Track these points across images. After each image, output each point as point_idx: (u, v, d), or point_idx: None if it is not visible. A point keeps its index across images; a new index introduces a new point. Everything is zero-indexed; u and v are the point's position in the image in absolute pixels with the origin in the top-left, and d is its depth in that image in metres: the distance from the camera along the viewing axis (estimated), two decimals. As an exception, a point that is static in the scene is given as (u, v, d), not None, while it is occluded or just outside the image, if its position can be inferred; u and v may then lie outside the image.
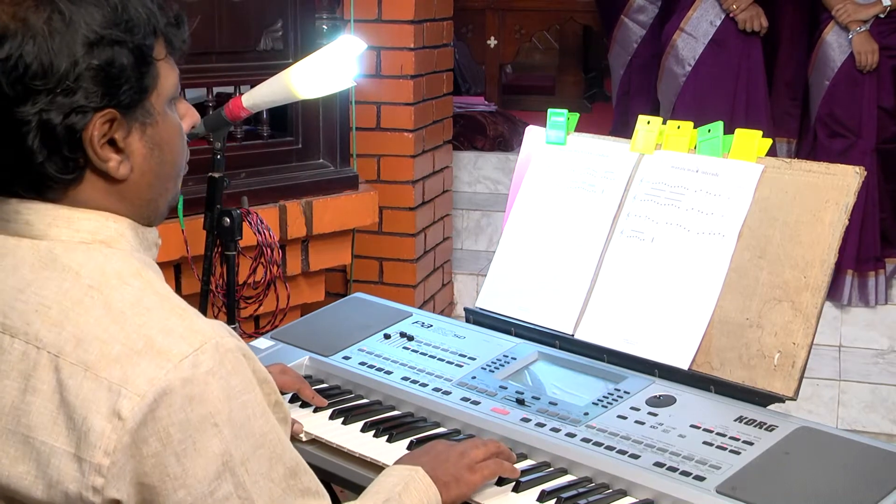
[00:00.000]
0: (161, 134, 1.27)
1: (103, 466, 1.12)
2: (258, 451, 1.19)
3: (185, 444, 1.13)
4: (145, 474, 1.13)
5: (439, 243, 4.39)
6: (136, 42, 1.21)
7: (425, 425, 1.77)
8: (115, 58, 1.19)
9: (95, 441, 1.12)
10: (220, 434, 1.15)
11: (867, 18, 4.22)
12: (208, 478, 1.15)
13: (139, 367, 1.13)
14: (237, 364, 1.18)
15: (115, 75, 1.19)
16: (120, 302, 1.18)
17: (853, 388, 4.03)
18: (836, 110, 4.34)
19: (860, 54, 4.21)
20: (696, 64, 4.48)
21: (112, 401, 1.12)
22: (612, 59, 5.45)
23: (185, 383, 1.13)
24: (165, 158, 1.29)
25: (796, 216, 1.76)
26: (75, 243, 1.23)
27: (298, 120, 3.00)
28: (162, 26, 1.26)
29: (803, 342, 1.70)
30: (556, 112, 2.11)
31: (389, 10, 3.89)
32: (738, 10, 4.39)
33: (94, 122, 1.19)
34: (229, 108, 2.20)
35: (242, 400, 1.18)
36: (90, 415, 1.12)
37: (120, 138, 1.22)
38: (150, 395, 1.12)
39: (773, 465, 1.53)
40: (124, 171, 1.24)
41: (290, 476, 1.23)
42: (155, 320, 1.17)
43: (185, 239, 2.52)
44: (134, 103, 1.22)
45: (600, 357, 1.89)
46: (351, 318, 2.14)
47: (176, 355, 1.14)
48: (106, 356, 1.14)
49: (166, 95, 1.27)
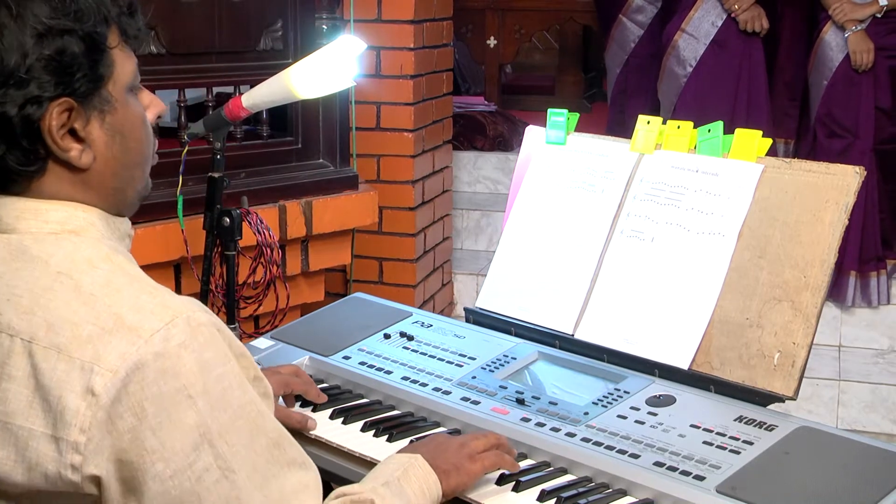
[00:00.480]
0: (122, 121, 1.27)
1: (80, 444, 1.13)
2: (237, 423, 1.19)
3: (160, 417, 1.14)
4: (123, 450, 1.14)
5: (439, 243, 4.39)
6: (85, 30, 1.21)
7: (425, 425, 1.77)
8: (65, 47, 1.20)
9: (71, 419, 1.13)
10: (195, 406, 1.16)
11: (864, 18, 4.22)
12: (186, 450, 1.15)
13: (111, 345, 1.14)
14: (210, 338, 1.19)
15: (67, 64, 1.20)
16: (90, 285, 1.19)
17: (853, 388, 4.03)
18: (833, 110, 4.34)
19: (855, 53, 4.21)
20: (697, 64, 4.48)
21: (85, 379, 1.13)
22: (608, 58, 5.45)
23: (157, 357, 1.14)
24: (129, 146, 1.29)
25: (796, 216, 1.76)
26: (45, 234, 1.24)
27: (298, 120, 3.00)
28: (114, 15, 1.26)
29: (803, 342, 1.70)
30: (555, 112, 2.12)
31: (389, 10, 3.89)
32: (740, 11, 4.39)
33: (51, 112, 1.20)
34: (229, 108, 2.20)
35: (218, 373, 1.18)
36: (65, 394, 1.14)
37: (80, 127, 1.23)
38: (122, 370, 1.13)
39: (773, 464, 1.53)
40: (87, 160, 1.25)
41: (273, 447, 1.23)
42: (125, 299, 1.18)
43: (185, 239, 2.52)
44: (90, 91, 1.23)
45: (600, 357, 1.89)
46: (351, 318, 2.14)
47: (147, 330, 1.15)
48: (77, 337, 1.15)
49: (124, 83, 1.28)
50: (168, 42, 2.67)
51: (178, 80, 2.77)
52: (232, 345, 1.23)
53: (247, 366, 1.26)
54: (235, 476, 1.18)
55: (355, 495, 1.35)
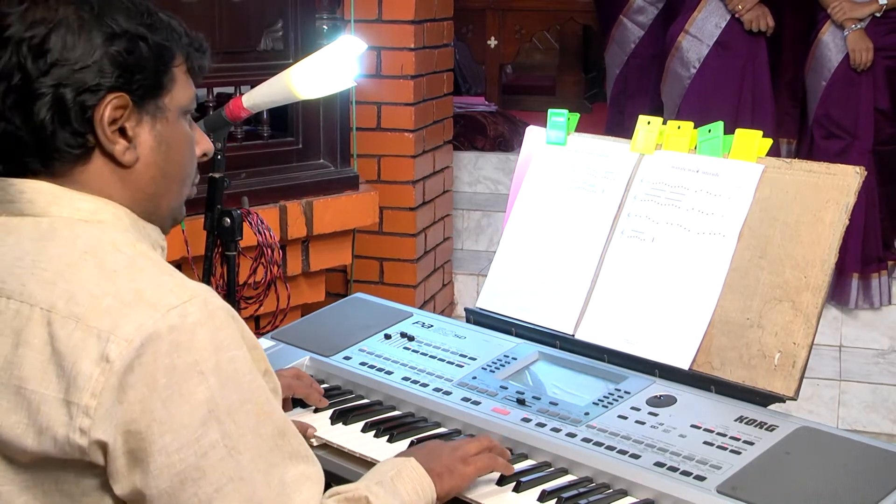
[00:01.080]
0: (170, 133, 1.33)
1: (90, 407, 1.15)
2: (246, 406, 1.21)
3: (171, 389, 1.16)
4: (133, 420, 1.15)
5: (440, 243, 4.39)
6: (156, 40, 1.29)
7: (426, 425, 1.77)
8: (133, 48, 1.27)
9: (83, 384, 1.15)
10: (206, 382, 1.18)
11: (863, 17, 4.22)
12: (194, 424, 1.17)
13: (128, 317, 1.17)
14: (226, 320, 1.22)
15: (132, 63, 1.27)
16: (113, 263, 1.22)
17: (854, 388, 4.03)
18: (832, 111, 4.33)
19: (854, 52, 4.20)
20: (701, 66, 4.46)
21: (101, 346, 1.16)
22: (608, 58, 5.45)
23: (171, 330, 1.17)
24: (172, 157, 1.34)
25: (797, 216, 1.76)
26: (75, 220, 1.27)
27: (299, 120, 3.00)
28: (184, 44, 1.35)
29: (804, 342, 1.70)
30: (556, 112, 2.12)
31: (390, 10, 3.89)
32: (744, 11, 4.38)
33: (106, 103, 1.25)
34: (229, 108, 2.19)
35: (230, 354, 1.21)
36: (79, 360, 1.16)
37: (130, 126, 1.28)
38: (137, 340, 1.15)
39: (774, 464, 1.53)
40: (130, 158, 1.29)
41: (278, 436, 1.24)
42: (146, 277, 1.21)
43: (186, 239, 2.52)
44: (147, 95, 1.29)
45: (601, 357, 1.89)
46: (351, 319, 2.15)
47: (164, 306, 1.18)
48: (96, 308, 1.18)
49: (180, 104, 1.34)
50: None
51: (179, 81, 2.76)
52: (245, 335, 1.26)
53: (258, 358, 1.28)
54: (241, 456, 1.20)
55: (349, 492, 1.35)
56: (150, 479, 1.16)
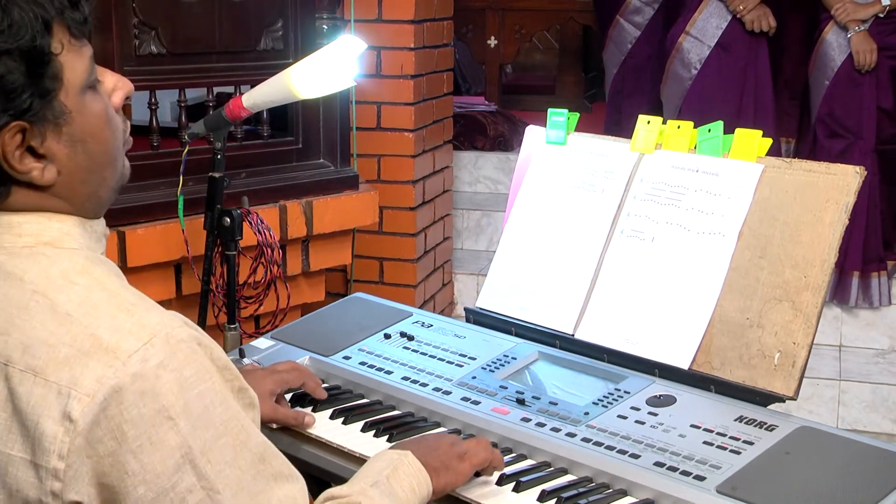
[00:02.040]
0: (80, 128, 1.21)
1: (59, 470, 1.11)
2: (220, 441, 1.17)
3: (141, 440, 1.12)
4: (104, 474, 1.12)
5: (439, 243, 4.39)
6: (22, 46, 1.13)
7: (426, 425, 1.77)
8: (5, 71, 1.13)
9: (49, 446, 1.11)
10: (176, 427, 1.14)
11: (866, 18, 4.22)
12: (168, 472, 1.13)
13: (87, 368, 1.12)
14: (190, 354, 1.16)
15: (10, 88, 1.14)
16: (66, 303, 1.16)
17: (854, 388, 4.03)
18: (835, 110, 4.34)
19: (858, 53, 4.21)
20: (702, 67, 4.46)
21: (62, 404, 1.11)
22: (606, 58, 5.46)
23: (135, 379, 1.12)
24: (92, 150, 1.23)
25: (796, 216, 1.76)
26: (19, 248, 1.21)
27: (299, 120, 3.00)
28: (54, 14, 1.16)
29: (804, 342, 1.70)
30: (556, 112, 2.11)
31: (389, 9, 3.89)
32: (746, 11, 4.38)
33: (3, 139, 1.15)
34: (229, 107, 2.20)
35: (198, 390, 1.16)
36: (42, 420, 1.12)
37: (37, 145, 1.18)
38: (99, 394, 1.11)
39: (774, 464, 1.53)
40: (49, 177, 1.20)
41: (258, 462, 1.21)
42: (102, 319, 1.15)
43: (186, 239, 2.52)
44: (40, 108, 1.17)
45: (600, 357, 1.89)
46: (351, 318, 2.15)
47: (124, 352, 1.12)
48: (54, 360, 1.13)
49: (78, 85, 1.20)
50: (168, 42, 2.67)
51: (179, 80, 2.77)
52: (214, 358, 1.20)
53: (230, 378, 1.23)
54: (220, 496, 1.16)
55: (343, 498, 1.34)
56: None
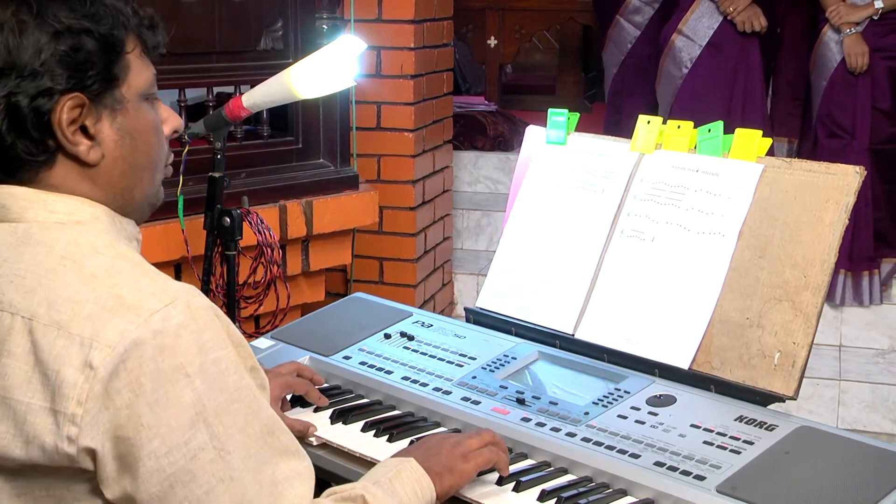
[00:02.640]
0: (133, 123, 1.30)
1: (77, 415, 1.14)
2: (233, 406, 1.21)
3: (158, 393, 1.15)
4: (120, 426, 1.15)
5: (439, 243, 4.39)
6: (102, 31, 1.25)
7: (426, 425, 1.77)
8: (81, 44, 1.23)
9: (69, 392, 1.15)
10: (193, 384, 1.17)
11: (860, 20, 4.22)
12: (182, 427, 1.17)
13: (110, 323, 1.16)
14: (209, 321, 1.21)
15: (81, 60, 1.23)
16: (92, 267, 1.21)
17: (853, 388, 4.03)
18: (833, 110, 4.34)
19: (850, 56, 4.21)
20: (693, 66, 4.48)
21: (84, 353, 1.15)
22: (606, 58, 5.46)
23: (155, 335, 1.16)
24: (138, 147, 1.32)
25: (796, 216, 1.76)
26: (51, 223, 1.26)
27: (298, 120, 3.00)
28: (133, 25, 1.30)
29: (803, 342, 1.70)
30: (556, 112, 2.12)
31: (389, 9, 3.89)
32: (736, 12, 4.39)
33: (62, 106, 1.23)
34: (229, 107, 2.19)
35: (215, 355, 1.20)
36: (63, 368, 1.15)
37: (90, 124, 1.26)
38: (120, 346, 1.14)
39: (774, 464, 1.53)
40: (95, 156, 1.27)
41: (266, 433, 1.24)
42: (126, 281, 1.20)
43: (186, 239, 2.52)
44: (103, 90, 1.26)
45: (600, 357, 1.89)
46: (351, 318, 2.15)
47: (147, 310, 1.17)
48: (78, 315, 1.17)
49: (139, 89, 1.31)
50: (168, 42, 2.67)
51: (179, 80, 2.77)
52: (230, 332, 1.25)
53: (245, 355, 1.27)
54: (230, 457, 1.20)
55: (345, 492, 1.35)
56: (140, 483, 1.16)
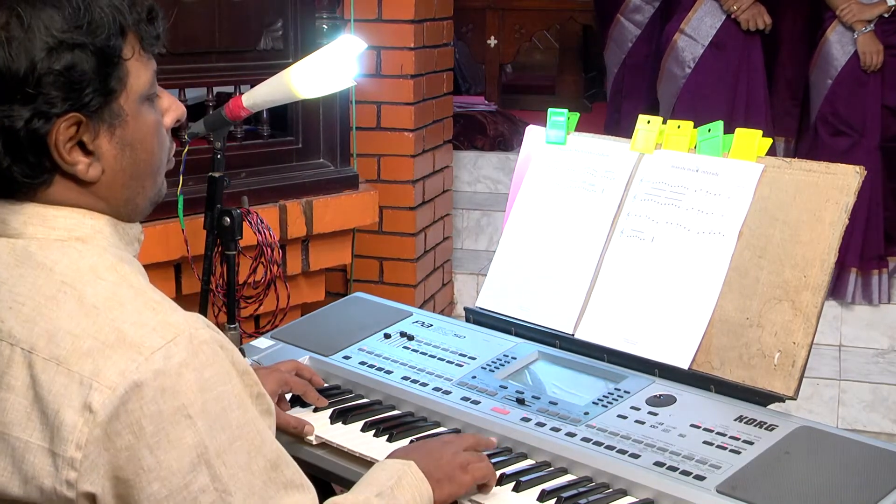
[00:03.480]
0: (132, 134, 1.26)
1: (76, 460, 1.12)
2: (235, 444, 1.18)
3: (159, 436, 1.13)
4: (120, 468, 1.13)
5: (439, 243, 4.39)
6: (97, 44, 1.19)
7: (425, 425, 1.77)
8: (75, 62, 1.18)
9: (67, 435, 1.12)
10: (194, 426, 1.15)
11: (872, 18, 4.22)
12: (183, 470, 1.14)
13: (111, 360, 1.13)
14: (212, 356, 1.18)
15: (77, 80, 1.18)
16: (93, 297, 1.18)
17: (853, 388, 4.03)
18: (839, 108, 4.33)
19: (865, 54, 4.21)
20: (695, 66, 4.48)
21: (83, 394, 1.12)
22: (607, 57, 5.47)
23: (157, 375, 1.13)
24: (139, 157, 1.28)
25: (796, 216, 1.76)
26: (51, 241, 1.23)
27: (298, 119, 3.00)
28: (131, 23, 1.23)
29: (803, 341, 1.70)
30: (556, 112, 2.11)
31: (389, 9, 3.89)
32: (740, 11, 4.39)
33: (58, 127, 1.19)
34: (229, 107, 2.19)
35: (217, 392, 1.17)
36: (62, 409, 1.13)
37: (88, 141, 1.22)
38: (121, 387, 1.12)
39: (774, 464, 1.53)
40: (94, 174, 1.24)
41: (271, 469, 1.22)
42: (128, 314, 1.17)
43: (186, 238, 2.52)
44: (100, 105, 1.21)
45: (600, 357, 1.89)
46: (351, 318, 2.14)
47: (148, 348, 1.14)
48: (77, 350, 1.14)
49: (138, 94, 1.26)
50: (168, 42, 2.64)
51: (179, 80, 2.77)
52: (235, 362, 1.22)
53: (250, 383, 1.24)
54: (232, 498, 1.17)
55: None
56: None
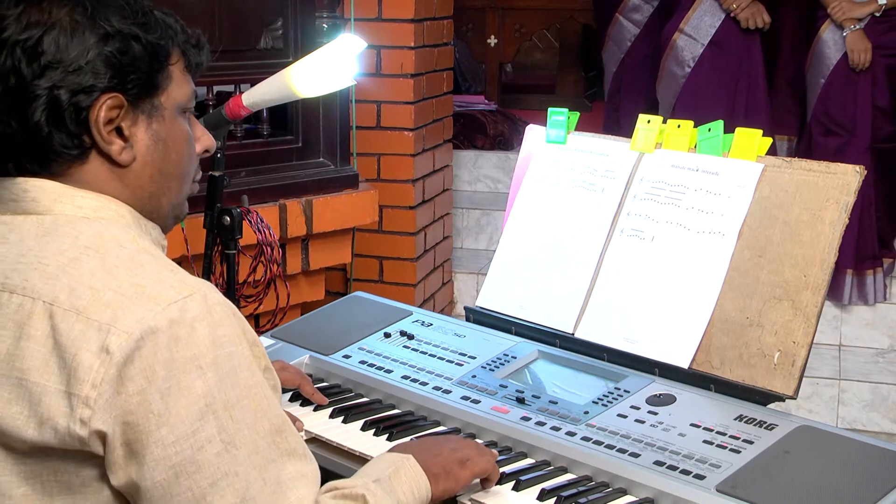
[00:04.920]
0: (167, 131, 1.35)
1: (90, 398, 1.16)
2: (243, 402, 1.22)
3: (170, 382, 1.17)
4: (130, 411, 1.17)
5: (439, 242, 4.39)
6: (149, 39, 1.30)
7: (425, 424, 1.77)
8: (127, 48, 1.28)
9: (84, 375, 1.17)
10: (204, 376, 1.19)
11: (862, 17, 4.22)
12: (191, 418, 1.18)
13: (129, 310, 1.19)
14: (225, 316, 1.23)
15: (126, 63, 1.28)
16: (115, 259, 1.24)
17: (853, 387, 4.03)
18: (831, 108, 4.34)
19: (853, 52, 4.21)
20: (695, 65, 4.48)
21: (101, 338, 1.17)
22: (606, 56, 5.48)
23: (171, 324, 1.18)
24: (169, 155, 1.36)
25: (796, 215, 1.76)
26: (78, 217, 1.29)
27: (298, 119, 3.00)
28: (181, 41, 1.36)
29: (803, 341, 1.70)
30: (556, 111, 2.12)
31: (389, 8, 3.89)
32: (739, 10, 4.39)
33: (101, 103, 1.27)
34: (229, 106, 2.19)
35: (229, 350, 1.22)
36: (80, 352, 1.17)
37: (126, 126, 1.30)
38: (136, 332, 1.17)
39: (773, 463, 1.53)
40: (127, 157, 1.31)
41: (275, 433, 1.25)
42: (147, 272, 1.23)
43: (186, 237, 2.52)
44: (142, 95, 1.30)
45: (600, 356, 1.89)
46: (351, 317, 2.15)
47: (164, 300, 1.20)
48: (98, 301, 1.19)
49: (177, 101, 1.35)
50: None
51: (179, 79, 2.76)
52: (246, 331, 1.27)
53: (258, 355, 1.29)
54: (237, 451, 1.21)
55: (347, 489, 1.35)
56: (145, 470, 1.18)
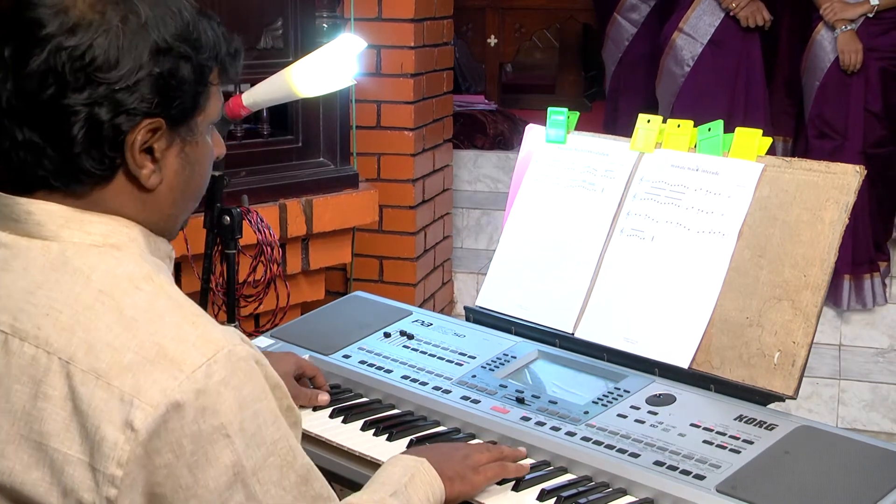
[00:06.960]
0: (197, 154, 1.29)
1: (117, 477, 1.12)
2: (269, 460, 1.20)
3: (197, 455, 1.14)
4: (157, 484, 1.13)
5: (439, 242, 4.39)
6: (199, 61, 1.24)
7: (425, 424, 1.77)
8: (178, 70, 1.21)
9: (108, 452, 1.12)
10: (232, 445, 1.16)
11: (854, 18, 4.20)
12: (219, 488, 1.15)
13: (152, 377, 1.13)
14: (250, 372, 1.19)
15: (174, 87, 1.22)
16: (132, 308, 1.17)
17: (853, 387, 4.03)
18: (825, 111, 4.32)
19: (844, 53, 4.18)
20: (695, 64, 4.48)
21: (125, 411, 1.12)
22: (605, 56, 5.49)
23: (198, 395, 1.14)
24: (194, 179, 1.31)
25: (796, 215, 1.76)
26: (87, 245, 1.22)
27: (299, 118, 3.00)
28: (223, 54, 1.29)
29: (803, 341, 1.70)
30: (556, 111, 2.11)
31: (390, 8, 3.89)
32: (738, 8, 4.39)
33: (141, 128, 1.20)
34: (229, 106, 2.19)
35: (254, 409, 1.18)
36: (103, 424, 1.12)
37: (158, 149, 1.24)
38: (162, 406, 1.12)
39: (773, 464, 1.53)
40: (154, 182, 1.25)
41: (301, 483, 1.24)
42: (167, 328, 1.17)
43: (186, 237, 2.52)
44: (182, 118, 1.25)
45: (600, 356, 1.89)
46: (351, 317, 2.14)
47: (189, 365, 1.14)
48: (118, 364, 1.14)
49: (209, 119, 1.30)
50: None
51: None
52: (268, 376, 1.23)
53: (280, 396, 1.26)
54: None
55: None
56: None
